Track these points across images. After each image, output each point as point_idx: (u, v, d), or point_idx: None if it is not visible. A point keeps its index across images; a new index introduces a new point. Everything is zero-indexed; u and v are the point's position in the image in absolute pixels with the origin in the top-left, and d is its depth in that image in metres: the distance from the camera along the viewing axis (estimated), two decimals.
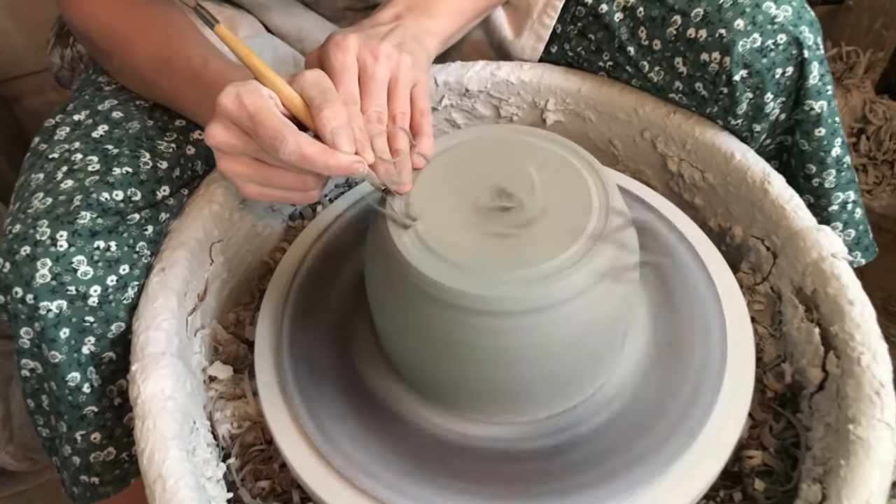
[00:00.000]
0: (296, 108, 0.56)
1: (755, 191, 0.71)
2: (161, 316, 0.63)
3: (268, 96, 0.55)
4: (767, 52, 0.69)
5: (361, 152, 0.55)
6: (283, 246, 0.81)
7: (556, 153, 0.60)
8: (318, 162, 0.52)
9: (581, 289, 0.53)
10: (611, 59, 0.79)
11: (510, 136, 0.62)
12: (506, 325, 0.53)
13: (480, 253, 0.54)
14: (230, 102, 0.53)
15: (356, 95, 0.59)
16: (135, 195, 0.65)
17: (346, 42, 0.60)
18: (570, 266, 0.52)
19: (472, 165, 0.59)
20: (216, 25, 0.57)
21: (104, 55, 0.74)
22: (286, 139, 0.51)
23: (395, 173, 0.56)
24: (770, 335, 0.69)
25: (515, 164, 0.59)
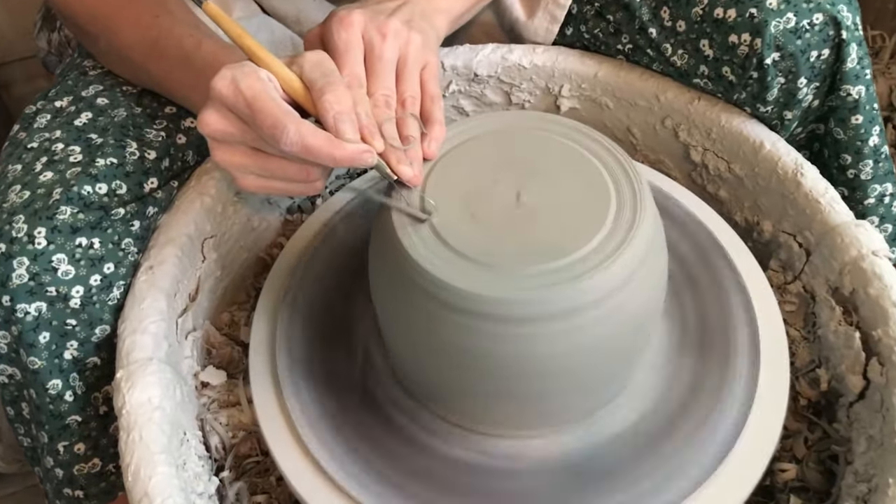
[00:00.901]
0: (295, 92, 0.51)
1: (786, 183, 0.66)
2: (149, 318, 0.59)
3: (266, 79, 0.50)
4: (802, 32, 0.64)
5: (369, 140, 0.50)
6: (281, 241, 0.76)
7: (577, 142, 0.55)
8: (323, 153, 0.48)
9: (613, 286, 0.48)
10: (630, 42, 0.74)
11: (529, 124, 0.57)
12: (530, 331, 0.48)
13: (499, 251, 0.49)
14: (225, 87, 0.49)
15: (362, 77, 0.54)
16: (120, 188, 0.60)
17: (350, 18, 0.55)
18: (598, 263, 0.48)
19: (487, 157, 0.54)
20: (205, 2, 0.52)
21: (89, 37, 0.69)
22: (287, 128, 0.47)
23: (407, 162, 0.52)
24: (803, 338, 0.65)
25: (535, 154, 0.54)
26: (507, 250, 0.49)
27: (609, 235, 0.49)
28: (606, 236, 0.49)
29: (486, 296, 0.47)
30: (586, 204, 0.51)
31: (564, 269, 0.47)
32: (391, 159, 0.51)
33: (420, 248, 0.50)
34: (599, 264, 0.47)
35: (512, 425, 0.55)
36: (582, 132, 0.55)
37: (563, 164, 0.53)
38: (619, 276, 0.48)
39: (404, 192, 0.52)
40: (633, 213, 0.50)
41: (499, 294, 0.47)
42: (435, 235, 0.50)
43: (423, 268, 0.49)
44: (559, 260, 0.48)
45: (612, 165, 0.52)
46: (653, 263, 0.51)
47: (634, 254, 0.48)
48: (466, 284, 0.47)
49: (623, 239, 0.48)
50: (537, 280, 0.47)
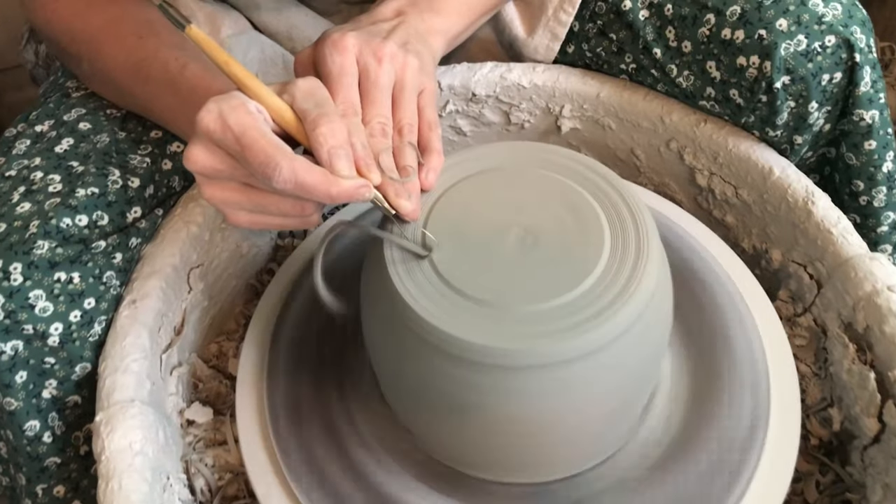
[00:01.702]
0: (287, 123, 0.48)
1: (797, 211, 0.63)
2: (131, 356, 0.56)
3: (255, 111, 0.47)
4: (813, 55, 0.61)
5: (365, 173, 0.47)
6: (272, 267, 0.73)
7: (580, 180, 0.52)
8: (319, 190, 0.45)
9: (615, 336, 0.45)
10: (634, 62, 0.71)
11: (530, 158, 0.54)
12: (527, 383, 0.45)
13: (495, 296, 0.46)
14: (212, 122, 0.46)
15: (357, 104, 0.51)
16: (101, 219, 0.58)
17: (344, 41, 0.52)
18: (598, 312, 0.45)
19: (487, 194, 0.52)
20: (188, 27, 0.49)
21: (72, 59, 0.67)
22: (279, 166, 0.44)
23: (406, 195, 0.49)
24: (814, 374, 0.62)
25: (535, 193, 0.51)
26: (503, 295, 0.46)
27: (611, 282, 0.46)
28: (609, 283, 0.46)
29: (480, 344, 0.44)
30: (586, 247, 0.48)
31: (564, 318, 0.45)
32: (389, 193, 0.49)
33: (412, 289, 0.47)
34: (600, 314, 0.45)
35: (506, 474, 0.52)
36: (586, 166, 0.53)
37: (565, 203, 0.50)
38: (621, 327, 0.45)
39: (402, 226, 0.50)
40: (636, 258, 0.47)
41: (493, 343, 0.44)
42: (428, 276, 0.48)
43: (416, 312, 0.46)
44: (559, 308, 0.45)
45: (618, 205, 0.50)
46: (656, 311, 0.48)
47: (637, 303, 0.46)
48: (461, 332, 0.45)
49: (625, 287, 0.46)
50: (535, 329, 0.45)
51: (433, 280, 0.48)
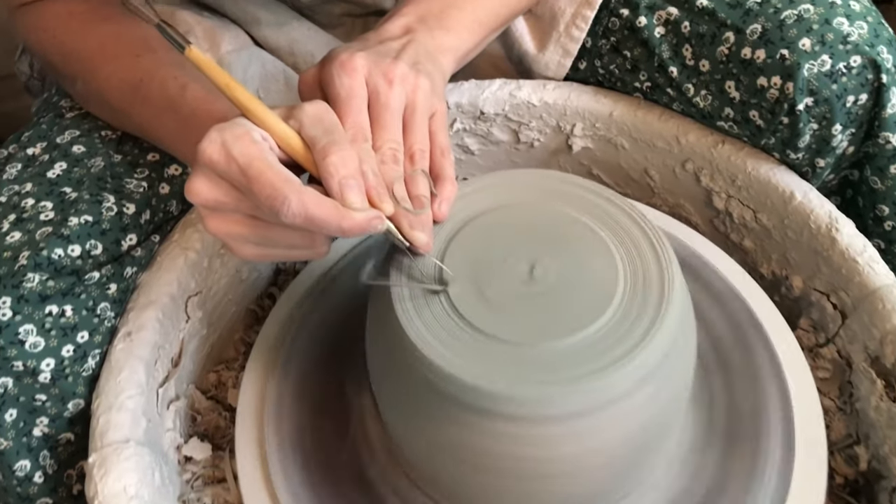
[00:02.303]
0: (294, 151, 0.46)
1: (820, 238, 0.61)
2: (125, 392, 0.54)
3: (260, 139, 0.44)
4: (838, 76, 0.59)
5: (378, 203, 0.45)
6: (273, 292, 0.71)
7: (600, 215, 0.50)
8: (329, 224, 0.43)
9: (632, 384, 0.43)
10: (649, 80, 0.68)
11: (545, 188, 0.51)
12: (541, 432, 0.43)
13: (507, 339, 0.44)
14: (215, 153, 0.43)
15: (367, 129, 0.49)
16: (95, 248, 0.55)
17: (353, 63, 0.49)
18: (616, 360, 0.43)
19: (500, 228, 0.49)
20: (187, 48, 0.46)
21: (66, 79, 0.64)
22: (288, 199, 0.41)
23: (420, 227, 0.47)
24: (838, 409, 0.59)
25: (551, 228, 0.49)
26: (519, 336, 0.44)
27: (633, 323, 0.44)
28: (631, 324, 0.44)
29: (493, 391, 0.42)
30: (606, 287, 0.46)
31: (584, 363, 0.43)
32: (403, 224, 0.46)
33: (421, 329, 0.45)
34: (621, 358, 0.42)
35: None
36: (606, 198, 0.51)
37: (584, 240, 0.48)
38: (643, 371, 0.43)
39: (415, 261, 0.47)
40: (659, 297, 0.45)
41: (505, 391, 0.42)
42: (438, 314, 0.46)
43: (423, 354, 0.44)
44: (578, 350, 0.43)
45: (639, 242, 0.48)
46: (680, 352, 0.46)
47: (660, 345, 0.43)
48: (477, 378, 0.42)
49: (648, 328, 0.43)
50: (555, 375, 0.42)
51: (445, 318, 0.46)
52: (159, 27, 0.46)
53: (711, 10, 0.63)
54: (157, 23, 0.46)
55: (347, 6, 0.74)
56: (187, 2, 0.74)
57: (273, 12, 0.74)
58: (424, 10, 0.58)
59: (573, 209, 0.50)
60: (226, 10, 0.74)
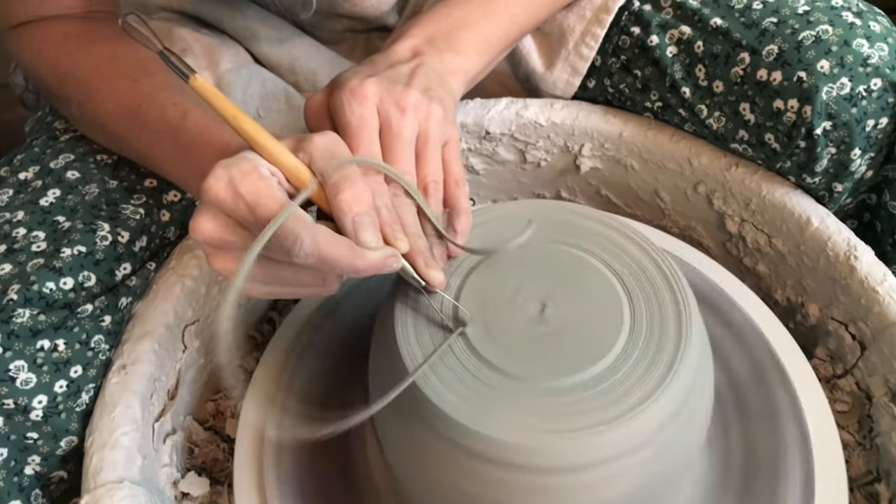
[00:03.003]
0: (303, 185, 0.44)
1: (838, 266, 0.59)
2: (120, 429, 0.52)
3: (269, 175, 0.43)
4: (857, 100, 0.57)
5: (392, 241, 0.43)
6: (272, 316, 0.69)
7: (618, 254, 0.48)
8: (343, 264, 0.41)
9: (651, 431, 0.41)
10: (660, 100, 0.66)
11: (565, 222, 0.50)
12: (544, 482, 0.41)
13: (518, 383, 0.42)
14: (222, 190, 0.41)
15: (379, 161, 0.47)
16: (88, 280, 0.53)
17: (363, 89, 0.47)
18: (632, 407, 0.41)
19: (513, 267, 0.47)
20: (192, 77, 0.44)
21: (60, 101, 0.62)
22: (300, 239, 0.40)
23: (437, 265, 0.45)
24: (858, 444, 0.58)
25: (563, 268, 0.47)
26: (523, 375, 0.42)
27: (649, 368, 0.42)
28: (646, 369, 0.42)
29: (502, 441, 0.40)
30: (621, 331, 0.44)
31: (601, 409, 0.41)
32: (419, 263, 0.44)
33: (424, 370, 0.43)
34: (639, 405, 0.40)
35: None
36: (623, 233, 0.49)
37: (599, 281, 0.46)
38: (660, 418, 0.41)
39: (430, 297, 0.46)
40: (676, 340, 0.43)
41: (506, 439, 0.40)
42: (446, 360, 0.44)
43: (429, 399, 0.42)
44: (592, 397, 0.41)
45: (655, 280, 0.46)
46: (698, 396, 0.44)
47: (678, 391, 0.41)
48: (474, 423, 0.41)
49: (665, 374, 0.42)
50: (557, 424, 0.40)
51: (450, 358, 0.44)
52: (162, 55, 0.44)
53: (726, 30, 0.61)
54: (160, 50, 0.44)
55: (350, 22, 0.72)
56: (185, 18, 0.72)
57: (274, 28, 0.72)
58: (433, 32, 0.56)
59: (589, 245, 0.48)
60: (225, 26, 0.72)
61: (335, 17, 0.71)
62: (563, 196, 0.75)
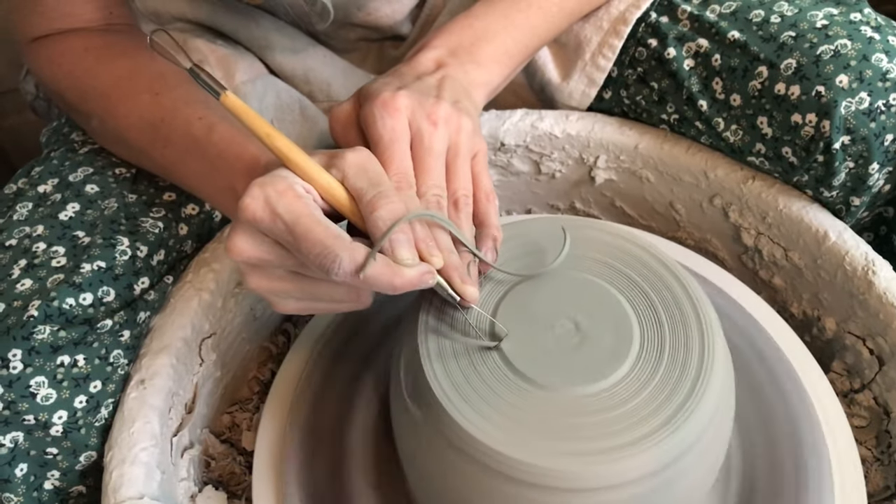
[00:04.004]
0: (338, 202, 0.44)
1: (855, 281, 0.59)
2: (139, 445, 0.52)
3: (304, 193, 0.43)
4: (876, 114, 0.57)
5: (427, 257, 0.43)
6: (287, 328, 0.69)
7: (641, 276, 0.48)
8: (381, 282, 0.41)
9: (674, 456, 0.41)
10: (676, 112, 0.66)
11: (592, 240, 0.50)
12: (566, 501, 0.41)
13: (541, 408, 0.42)
14: (259, 209, 0.41)
15: (411, 175, 0.47)
16: (107, 295, 0.53)
17: (396, 103, 0.48)
18: (661, 427, 0.41)
19: (545, 292, 0.48)
20: (223, 94, 0.44)
21: (81, 116, 0.62)
22: (339, 257, 0.40)
23: (471, 280, 0.45)
24: (876, 459, 0.58)
25: (596, 289, 0.48)
26: (554, 393, 0.42)
27: (673, 391, 0.42)
28: (670, 392, 0.42)
29: (527, 462, 0.40)
30: (643, 353, 0.44)
31: (625, 432, 0.41)
32: (454, 278, 0.44)
33: (450, 391, 0.43)
34: (661, 429, 0.41)
35: None
36: (650, 252, 0.49)
37: (624, 302, 0.46)
38: (684, 443, 0.41)
39: (466, 313, 0.46)
40: (699, 363, 0.43)
41: (543, 462, 0.40)
42: (465, 374, 0.44)
43: (452, 418, 0.42)
44: (616, 419, 0.41)
45: (681, 301, 0.46)
46: (720, 422, 0.44)
47: (701, 417, 0.42)
48: (504, 446, 0.41)
49: (687, 397, 0.42)
50: (581, 445, 0.40)
51: (473, 376, 0.44)
52: (192, 72, 0.44)
53: (743, 44, 0.61)
54: (191, 67, 0.44)
55: (364, 31, 0.72)
56: (200, 29, 0.72)
57: (288, 37, 0.72)
58: (455, 43, 0.56)
59: (618, 265, 0.48)
60: (239, 36, 0.72)
61: (349, 27, 0.71)
62: (577, 207, 0.75)
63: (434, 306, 0.47)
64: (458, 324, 0.46)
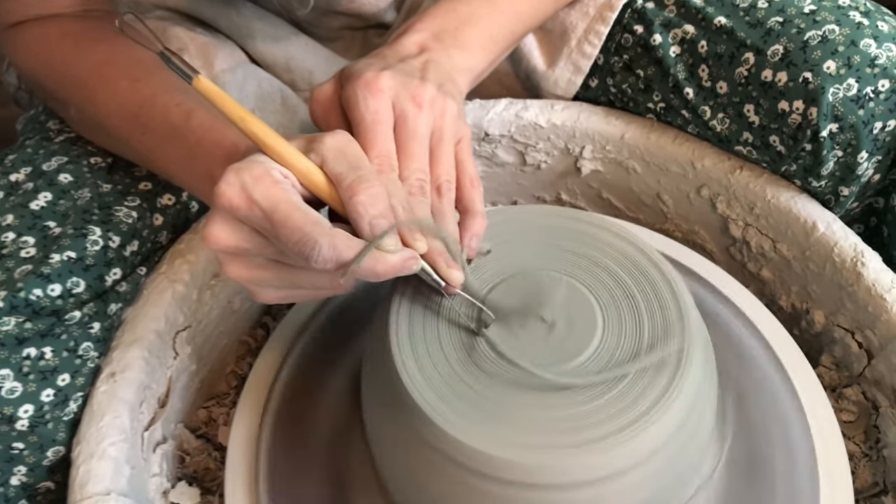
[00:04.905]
0: (317, 188, 0.43)
1: (844, 273, 0.58)
2: (108, 439, 0.51)
3: (282, 178, 0.42)
4: (865, 101, 0.55)
5: (410, 242, 0.42)
6: (266, 321, 0.68)
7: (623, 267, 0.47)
8: (364, 269, 0.40)
9: (655, 447, 0.40)
10: (663, 101, 0.65)
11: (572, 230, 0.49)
12: (539, 497, 0.40)
13: (514, 399, 0.41)
14: (236, 196, 0.40)
15: (393, 158, 0.45)
16: (77, 286, 0.52)
17: (379, 83, 0.46)
18: (636, 420, 0.40)
19: (528, 275, 0.47)
20: (195, 78, 0.43)
21: (58, 103, 0.61)
22: (318, 244, 0.39)
23: (456, 265, 0.44)
24: (863, 455, 0.56)
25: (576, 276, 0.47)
26: (526, 397, 0.41)
27: (651, 381, 0.41)
28: (648, 383, 0.41)
29: (505, 459, 0.39)
30: (623, 343, 0.43)
31: (597, 426, 0.40)
32: (439, 263, 0.43)
33: (421, 384, 0.42)
34: (636, 421, 0.39)
35: None
36: (632, 243, 0.48)
37: (605, 291, 0.45)
38: (660, 438, 0.40)
39: (451, 299, 0.45)
40: (678, 354, 0.42)
41: (502, 455, 0.39)
42: (436, 364, 0.43)
43: (425, 414, 0.41)
44: (592, 412, 0.40)
45: (659, 287, 0.44)
46: (700, 412, 0.43)
47: (679, 408, 0.40)
48: (480, 442, 0.39)
49: (666, 388, 0.41)
50: (555, 438, 0.39)
51: (442, 381, 0.42)
52: (163, 55, 0.43)
53: (730, 30, 0.60)
54: (161, 51, 0.43)
55: (347, 19, 0.71)
56: (179, 16, 0.71)
57: (270, 25, 0.71)
58: (439, 27, 0.55)
59: (597, 253, 0.47)
60: (219, 24, 0.71)
61: (332, 14, 0.70)
62: (563, 199, 0.73)
63: (406, 295, 0.46)
64: (432, 313, 0.45)
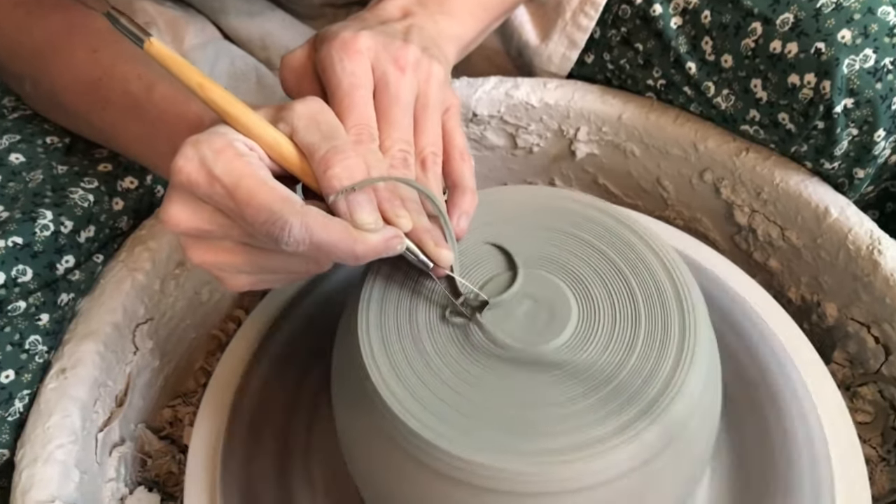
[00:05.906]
0: (287, 161, 0.38)
1: (859, 262, 0.53)
2: (55, 441, 0.47)
3: (246, 151, 0.37)
4: (883, 74, 0.51)
5: (393, 219, 0.38)
6: (238, 314, 0.64)
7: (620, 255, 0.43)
8: (339, 249, 0.36)
9: (649, 455, 0.36)
10: (663, 77, 0.60)
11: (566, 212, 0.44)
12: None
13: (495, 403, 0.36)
14: (194, 172, 0.36)
15: (373, 126, 0.41)
16: (23, 274, 0.48)
17: (356, 43, 0.42)
18: (628, 425, 0.35)
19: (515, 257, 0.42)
20: (147, 41, 0.38)
21: (13, 78, 0.57)
22: (288, 224, 0.34)
23: (445, 244, 0.39)
24: (881, 459, 0.52)
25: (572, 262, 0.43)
26: (507, 394, 0.37)
27: (646, 381, 0.36)
28: (642, 384, 0.36)
29: (483, 464, 0.35)
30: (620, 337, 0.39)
31: (588, 427, 0.35)
32: (426, 242, 0.39)
33: (392, 384, 0.38)
34: (628, 426, 0.35)
35: None
36: (632, 229, 0.43)
37: (602, 283, 0.41)
38: (654, 446, 0.35)
39: (441, 281, 0.40)
40: (679, 350, 0.37)
41: (502, 464, 0.35)
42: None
43: (396, 416, 0.37)
44: (580, 413, 0.36)
45: (662, 283, 0.40)
46: (702, 417, 0.38)
47: (677, 413, 0.36)
48: (456, 447, 0.35)
49: (662, 391, 0.36)
50: (537, 443, 0.35)
51: (416, 359, 0.38)
52: (109, 16, 0.38)
53: None
54: (107, 11, 0.39)
55: None
56: None
57: (245, 0, 0.66)
58: None
59: (594, 239, 0.43)
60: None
61: None
62: (557, 184, 0.69)
63: (380, 276, 0.42)
64: (407, 298, 0.41)
